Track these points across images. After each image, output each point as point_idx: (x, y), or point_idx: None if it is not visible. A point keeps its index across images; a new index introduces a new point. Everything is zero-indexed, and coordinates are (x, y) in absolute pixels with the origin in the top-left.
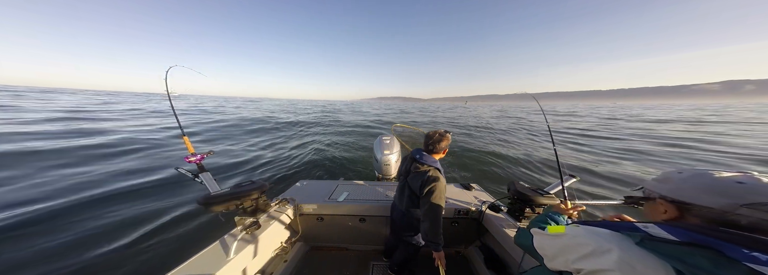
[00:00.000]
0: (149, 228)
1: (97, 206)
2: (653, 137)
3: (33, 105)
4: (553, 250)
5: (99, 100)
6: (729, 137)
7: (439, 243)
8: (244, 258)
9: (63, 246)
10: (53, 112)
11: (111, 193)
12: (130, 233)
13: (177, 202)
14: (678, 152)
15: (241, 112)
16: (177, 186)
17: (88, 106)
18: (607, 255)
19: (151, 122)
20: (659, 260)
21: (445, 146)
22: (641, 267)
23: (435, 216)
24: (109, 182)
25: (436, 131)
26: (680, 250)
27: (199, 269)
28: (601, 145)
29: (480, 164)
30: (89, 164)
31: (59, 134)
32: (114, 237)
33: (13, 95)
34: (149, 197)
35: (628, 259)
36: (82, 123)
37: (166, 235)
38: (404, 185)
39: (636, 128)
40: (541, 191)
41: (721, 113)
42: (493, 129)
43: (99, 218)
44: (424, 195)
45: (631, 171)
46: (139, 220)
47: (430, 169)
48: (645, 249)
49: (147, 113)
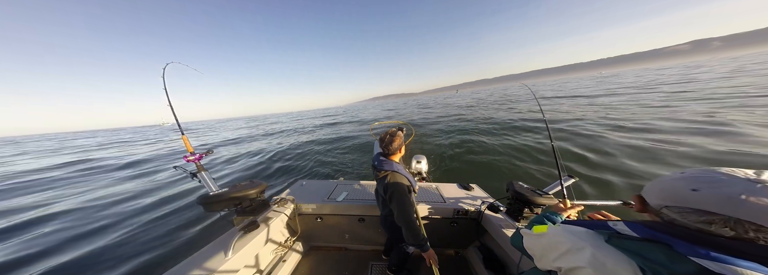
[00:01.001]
0: (149, 228)
1: (97, 205)
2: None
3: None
4: (539, 250)
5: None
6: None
7: (423, 244)
8: (243, 258)
9: (63, 245)
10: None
11: (111, 193)
12: (130, 233)
13: (176, 202)
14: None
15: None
16: (176, 186)
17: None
18: (581, 253)
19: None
20: (626, 257)
21: (398, 145)
22: (611, 264)
23: (408, 220)
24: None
25: (387, 132)
26: (640, 246)
27: (198, 268)
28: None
29: (480, 164)
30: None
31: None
32: (114, 236)
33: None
34: (149, 197)
35: (600, 256)
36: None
37: (166, 234)
38: (377, 191)
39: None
40: (539, 191)
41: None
42: (487, 122)
43: (99, 218)
44: (390, 201)
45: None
46: (139, 220)
47: (389, 173)
48: (613, 246)
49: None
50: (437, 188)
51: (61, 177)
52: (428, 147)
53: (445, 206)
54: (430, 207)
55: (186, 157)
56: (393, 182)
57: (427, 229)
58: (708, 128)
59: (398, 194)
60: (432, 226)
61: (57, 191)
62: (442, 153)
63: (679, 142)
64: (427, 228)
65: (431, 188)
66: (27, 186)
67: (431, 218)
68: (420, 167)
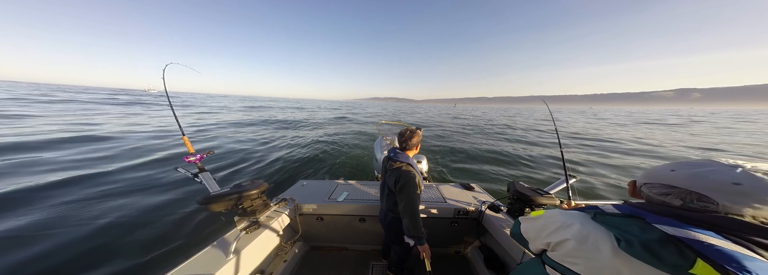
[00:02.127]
0: (148, 228)
1: (95, 205)
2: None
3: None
4: (534, 232)
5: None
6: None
7: (421, 237)
8: (243, 258)
9: (63, 244)
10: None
11: (110, 192)
12: (130, 232)
13: (176, 202)
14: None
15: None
16: (176, 186)
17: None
18: (569, 228)
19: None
20: (606, 230)
21: (416, 142)
22: (593, 236)
23: (412, 211)
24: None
25: (408, 129)
26: (620, 221)
27: (198, 269)
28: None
29: (479, 164)
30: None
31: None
32: (113, 236)
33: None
34: (148, 196)
35: (584, 230)
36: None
37: (166, 235)
38: (384, 184)
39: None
40: (540, 191)
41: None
42: (492, 129)
43: (98, 217)
44: (399, 191)
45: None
46: (138, 219)
47: (403, 165)
48: (597, 222)
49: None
50: (437, 188)
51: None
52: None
53: (446, 206)
54: (431, 206)
55: (187, 157)
56: (407, 172)
57: (427, 228)
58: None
59: (410, 185)
60: (433, 226)
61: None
62: (442, 153)
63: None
64: (427, 228)
65: (432, 188)
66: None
67: (432, 218)
68: (420, 167)
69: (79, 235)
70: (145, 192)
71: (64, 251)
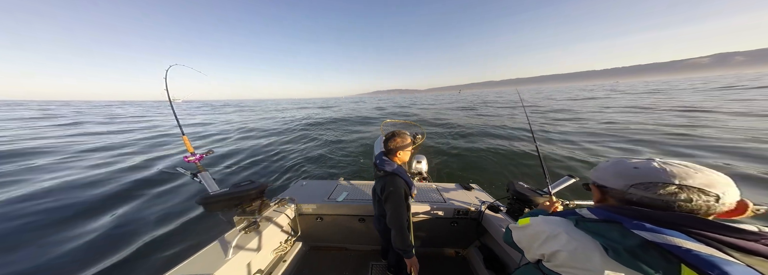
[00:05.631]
0: (148, 228)
1: (95, 205)
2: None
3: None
4: (525, 241)
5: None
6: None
7: (407, 251)
8: (243, 258)
9: (63, 244)
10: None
11: (110, 192)
12: (129, 232)
13: (176, 202)
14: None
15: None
16: (176, 186)
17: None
18: (558, 238)
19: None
20: (591, 238)
21: (399, 146)
22: (581, 246)
23: (399, 223)
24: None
25: (392, 132)
26: (600, 227)
27: (198, 269)
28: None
29: (480, 164)
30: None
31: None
32: (113, 236)
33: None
34: (148, 196)
35: (573, 240)
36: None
37: (165, 235)
38: (374, 190)
39: None
40: (540, 191)
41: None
42: (492, 125)
43: (98, 217)
44: (385, 202)
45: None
46: (138, 219)
47: (387, 174)
48: (581, 230)
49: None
50: (437, 188)
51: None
52: (428, 147)
53: (446, 206)
54: (431, 206)
55: (186, 157)
56: (390, 184)
57: (427, 229)
58: None
59: (394, 196)
60: (432, 226)
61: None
62: (443, 153)
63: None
64: (427, 228)
65: (431, 188)
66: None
67: (431, 218)
68: (420, 167)
69: (79, 235)
70: (144, 192)
71: (65, 251)
